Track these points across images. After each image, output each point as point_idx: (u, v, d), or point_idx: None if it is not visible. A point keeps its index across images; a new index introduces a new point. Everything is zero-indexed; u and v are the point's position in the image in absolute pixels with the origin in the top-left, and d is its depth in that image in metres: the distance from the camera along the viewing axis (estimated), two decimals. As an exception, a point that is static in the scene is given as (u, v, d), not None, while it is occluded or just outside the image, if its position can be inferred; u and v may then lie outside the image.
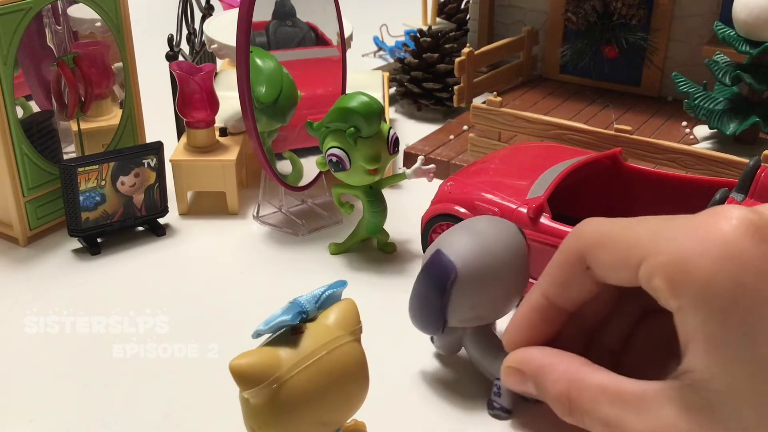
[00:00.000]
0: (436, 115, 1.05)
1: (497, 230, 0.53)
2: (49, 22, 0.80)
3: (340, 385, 0.42)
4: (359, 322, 0.43)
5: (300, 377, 0.40)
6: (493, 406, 0.53)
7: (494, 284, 0.52)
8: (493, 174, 0.70)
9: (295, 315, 0.42)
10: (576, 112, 1.00)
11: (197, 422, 0.54)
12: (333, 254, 0.74)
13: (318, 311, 0.43)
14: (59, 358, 0.60)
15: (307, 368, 0.40)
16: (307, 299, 0.43)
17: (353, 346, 0.43)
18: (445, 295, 0.51)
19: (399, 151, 0.70)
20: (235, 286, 0.70)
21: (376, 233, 0.73)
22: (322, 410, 0.42)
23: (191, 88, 0.78)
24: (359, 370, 0.43)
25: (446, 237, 0.53)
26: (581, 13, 1.03)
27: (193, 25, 0.92)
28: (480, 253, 0.51)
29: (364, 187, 0.70)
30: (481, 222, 0.55)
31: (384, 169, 0.69)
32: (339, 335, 0.42)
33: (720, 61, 0.84)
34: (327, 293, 0.44)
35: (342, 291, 0.45)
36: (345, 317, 0.43)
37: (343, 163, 0.67)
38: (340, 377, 0.42)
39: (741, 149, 0.81)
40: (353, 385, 0.43)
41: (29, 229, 0.75)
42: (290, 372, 0.40)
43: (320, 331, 0.42)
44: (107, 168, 0.73)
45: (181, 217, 0.81)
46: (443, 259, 0.51)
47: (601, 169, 0.70)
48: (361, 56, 1.33)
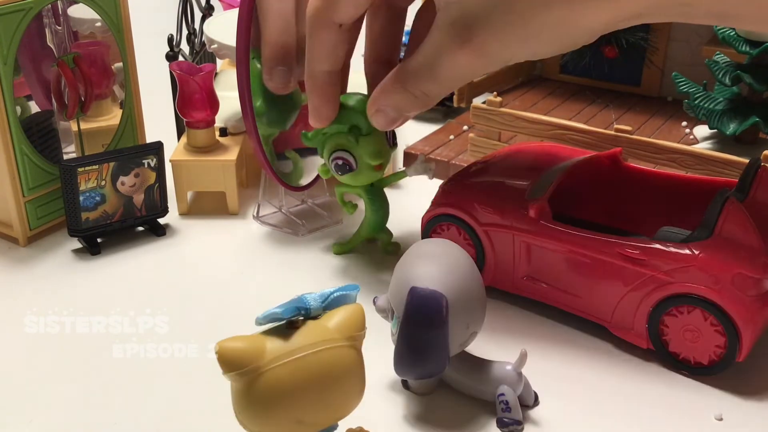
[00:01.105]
0: (436, 115, 1.05)
1: (445, 248, 0.54)
2: (49, 22, 0.80)
3: (322, 387, 0.41)
4: (362, 329, 0.43)
5: (279, 371, 0.40)
6: (505, 422, 0.52)
7: (474, 294, 0.52)
8: (494, 174, 0.70)
9: (288, 309, 0.42)
10: (576, 112, 1.00)
11: (197, 422, 0.54)
12: (337, 254, 0.74)
13: (323, 311, 0.43)
14: (59, 358, 0.60)
15: (288, 364, 0.40)
16: (313, 297, 0.43)
17: (346, 352, 0.42)
18: (445, 326, 0.49)
19: (398, 144, 0.70)
20: (235, 286, 0.70)
21: (378, 232, 0.73)
22: (299, 409, 0.41)
23: (191, 88, 0.78)
24: (346, 376, 0.42)
25: (408, 274, 0.51)
26: (581, 13, 1.03)
27: (193, 25, 0.92)
28: (451, 272, 0.51)
29: (365, 186, 0.70)
30: (428, 246, 0.54)
31: (387, 163, 0.69)
32: (333, 338, 0.41)
33: (720, 61, 0.84)
34: (336, 294, 0.43)
35: (355, 295, 0.44)
36: (346, 321, 0.42)
37: (350, 164, 0.67)
38: (323, 379, 0.41)
39: (741, 149, 0.81)
40: (337, 390, 0.42)
41: (29, 229, 0.75)
42: (270, 364, 0.40)
43: (315, 331, 0.42)
44: (107, 168, 0.73)
45: (181, 217, 0.81)
46: (426, 293, 0.50)
47: (601, 169, 0.71)
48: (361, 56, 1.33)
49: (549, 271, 0.63)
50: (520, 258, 0.64)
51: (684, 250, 0.56)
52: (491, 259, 0.65)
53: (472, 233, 0.66)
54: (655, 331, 0.58)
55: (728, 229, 0.56)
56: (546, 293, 0.64)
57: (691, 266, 0.56)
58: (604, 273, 0.60)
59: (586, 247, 0.60)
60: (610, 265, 0.59)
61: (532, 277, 0.64)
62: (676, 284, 0.56)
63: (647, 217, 0.70)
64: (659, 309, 0.57)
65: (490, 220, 0.65)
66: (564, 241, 0.61)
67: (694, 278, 0.56)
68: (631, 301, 0.59)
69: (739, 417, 0.54)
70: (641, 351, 0.60)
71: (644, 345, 0.59)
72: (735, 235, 0.56)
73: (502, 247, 0.65)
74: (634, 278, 0.58)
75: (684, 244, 0.57)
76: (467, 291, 0.51)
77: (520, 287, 0.65)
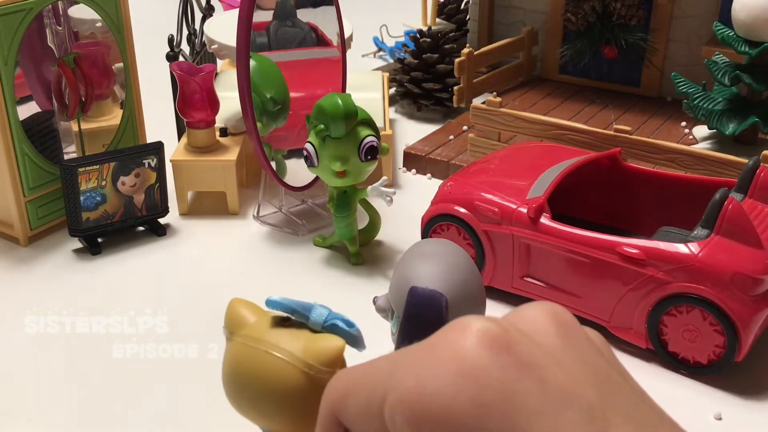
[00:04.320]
0: (436, 116, 1.05)
1: (446, 247, 0.53)
2: (49, 23, 0.80)
3: (258, 386, 0.41)
4: (325, 364, 0.41)
5: (239, 348, 0.42)
6: None
7: (474, 294, 0.52)
8: (493, 174, 0.70)
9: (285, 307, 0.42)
10: (576, 113, 1.00)
11: (197, 422, 0.54)
12: (316, 245, 0.75)
13: (321, 328, 0.43)
14: (59, 358, 0.60)
15: (248, 347, 0.42)
16: (320, 313, 0.42)
17: (294, 371, 0.41)
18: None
19: (375, 160, 0.69)
20: (235, 286, 0.70)
21: (344, 240, 0.73)
22: (241, 396, 0.42)
23: (192, 88, 0.78)
24: (284, 393, 0.41)
25: (409, 273, 0.51)
26: (581, 13, 1.03)
27: (194, 25, 0.92)
28: (451, 272, 0.51)
29: (337, 190, 0.71)
30: (429, 246, 0.54)
31: (357, 174, 0.69)
32: (291, 352, 0.41)
33: (719, 61, 0.84)
34: (336, 323, 0.43)
35: (350, 332, 0.43)
36: (315, 349, 0.41)
37: (311, 158, 0.68)
38: (259, 380, 0.41)
39: (740, 149, 0.81)
40: (271, 400, 0.42)
41: (30, 229, 0.75)
42: (239, 338, 0.42)
43: (289, 338, 0.42)
44: (108, 168, 0.73)
45: (182, 217, 0.81)
46: (426, 292, 0.49)
47: (600, 169, 0.71)
48: (361, 56, 1.33)
49: (548, 270, 0.63)
50: (519, 258, 0.64)
51: (683, 249, 0.56)
52: (491, 259, 0.66)
53: (471, 233, 0.66)
54: (654, 331, 0.58)
55: (727, 229, 0.56)
56: (545, 293, 0.64)
57: (690, 266, 0.56)
58: (603, 273, 0.60)
59: (585, 246, 0.60)
60: (610, 264, 0.59)
61: (531, 276, 0.65)
62: (675, 284, 0.56)
63: (646, 216, 0.70)
64: (658, 309, 0.57)
65: (489, 220, 0.65)
66: (563, 241, 0.61)
67: (693, 278, 0.56)
68: (631, 301, 0.59)
69: (738, 416, 0.54)
70: (640, 350, 0.60)
71: (643, 344, 0.59)
72: (734, 234, 0.56)
73: (501, 246, 0.65)
74: (634, 278, 0.58)
75: (683, 244, 0.57)
76: (468, 291, 0.51)
77: (519, 287, 0.65)
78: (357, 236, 0.72)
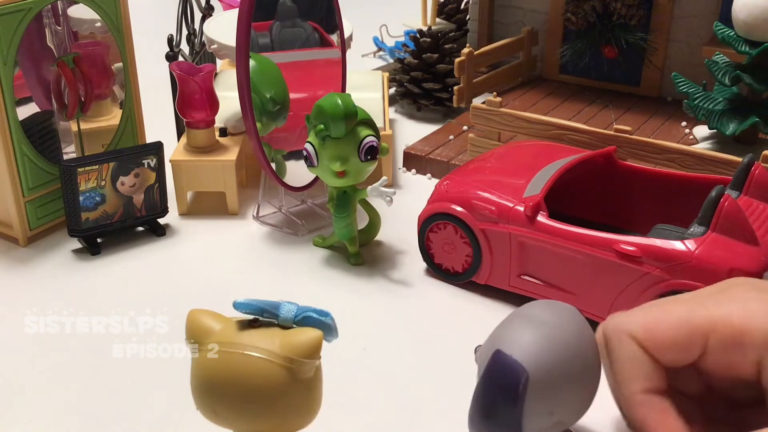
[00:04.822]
0: (436, 116, 1.05)
1: (559, 316, 0.46)
2: (49, 23, 0.80)
3: (238, 389, 0.41)
4: (306, 356, 0.41)
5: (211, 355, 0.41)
6: None
7: (571, 381, 0.44)
8: (490, 173, 0.70)
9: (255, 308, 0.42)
10: (576, 113, 1.00)
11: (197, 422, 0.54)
12: (316, 246, 0.75)
13: (293, 324, 0.42)
14: (59, 359, 0.60)
15: (221, 352, 0.41)
16: (289, 309, 0.42)
17: (274, 368, 0.40)
18: (518, 404, 0.43)
19: (375, 160, 0.69)
20: (235, 286, 0.70)
21: (344, 240, 0.72)
22: (217, 402, 0.42)
23: (191, 88, 0.78)
24: (267, 391, 0.41)
25: (503, 333, 0.46)
26: (581, 13, 1.03)
27: (193, 25, 0.92)
28: (549, 347, 0.44)
29: (337, 190, 0.71)
30: (539, 308, 0.47)
31: (356, 174, 0.69)
32: (269, 350, 0.41)
33: (720, 61, 0.84)
34: (309, 315, 0.43)
35: (324, 321, 0.43)
36: (293, 343, 0.41)
37: (311, 158, 0.68)
38: (240, 382, 0.41)
39: (741, 149, 0.81)
40: (254, 401, 0.41)
41: (29, 229, 0.76)
42: (208, 346, 0.42)
43: (263, 336, 0.41)
44: (107, 168, 0.74)
45: (181, 217, 0.81)
46: (508, 361, 0.43)
47: (595, 167, 0.71)
48: (361, 56, 1.33)
49: (545, 268, 0.63)
50: (516, 256, 0.64)
51: (680, 246, 0.57)
52: (488, 258, 0.66)
53: (468, 232, 0.66)
54: (653, 330, 0.58)
55: (724, 226, 0.56)
56: (542, 291, 0.64)
57: (687, 263, 0.56)
58: (600, 270, 0.60)
59: (582, 244, 0.60)
60: (607, 262, 0.59)
61: (528, 274, 0.65)
62: (672, 281, 0.56)
63: (642, 214, 0.70)
64: (657, 308, 0.57)
65: (486, 219, 0.65)
66: (560, 239, 0.61)
67: (690, 275, 0.56)
68: (628, 298, 0.59)
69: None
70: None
71: (642, 344, 0.59)
72: (730, 231, 0.56)
73: (498, 245, 0.65)
74: (631, 275, 0.58)
75: (680, 241, 0.57)
76: (561, 373, 0.44)
77: (516, 285, 0.65)
78: (357, 236, 0.72)
